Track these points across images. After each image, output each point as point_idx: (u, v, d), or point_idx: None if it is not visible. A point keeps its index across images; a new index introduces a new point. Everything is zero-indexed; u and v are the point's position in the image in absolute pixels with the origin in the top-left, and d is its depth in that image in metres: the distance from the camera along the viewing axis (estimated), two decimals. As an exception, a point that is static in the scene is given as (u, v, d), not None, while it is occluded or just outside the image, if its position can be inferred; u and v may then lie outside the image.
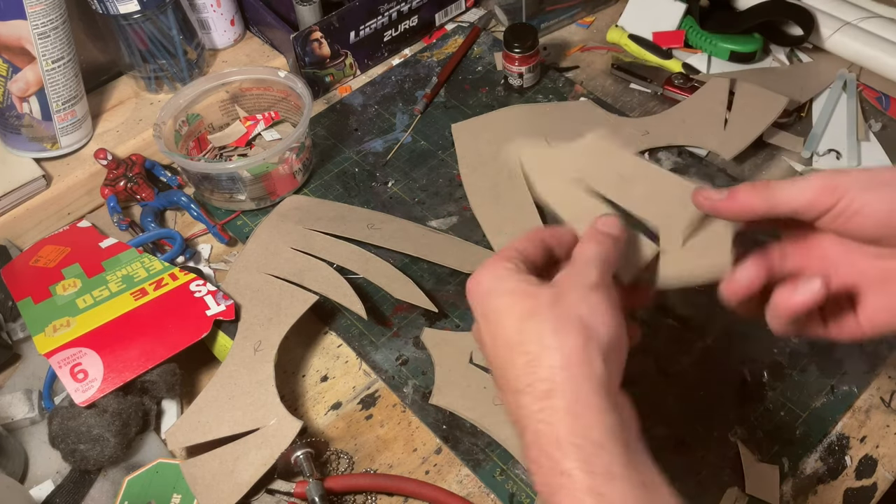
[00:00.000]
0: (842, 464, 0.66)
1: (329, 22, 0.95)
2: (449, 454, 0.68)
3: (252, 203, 0.87)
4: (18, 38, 0.79)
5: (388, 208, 0.87)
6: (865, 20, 0.97)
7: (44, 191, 0.86)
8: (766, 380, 0.70)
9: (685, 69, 0.97)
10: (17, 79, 0.82)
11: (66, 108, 0.86)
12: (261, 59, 1.00)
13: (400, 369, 0.74)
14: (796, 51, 1.00)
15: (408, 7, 1.02)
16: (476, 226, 0.84)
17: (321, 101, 1.01)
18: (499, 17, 1.08)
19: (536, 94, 0.98)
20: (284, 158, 0.85)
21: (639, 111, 0.95)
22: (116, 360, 0.68)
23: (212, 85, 0.90)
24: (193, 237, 0.86)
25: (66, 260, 0.79)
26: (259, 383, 0.69)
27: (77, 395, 0.66)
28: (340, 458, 0.68)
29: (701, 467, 0.65)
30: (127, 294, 0.74)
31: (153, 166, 0.90)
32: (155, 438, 0.69)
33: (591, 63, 1.02)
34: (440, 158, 0.92)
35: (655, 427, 0.67)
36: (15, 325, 0.77)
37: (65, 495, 0.66)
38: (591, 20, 1.08)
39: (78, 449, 0.65)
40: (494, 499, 0.65)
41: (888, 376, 0.70)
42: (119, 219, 0.85)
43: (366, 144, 0.94)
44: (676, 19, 1.01)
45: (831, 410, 0.68)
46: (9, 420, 0.70)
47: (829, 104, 0.92)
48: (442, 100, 0.98)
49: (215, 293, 0.73)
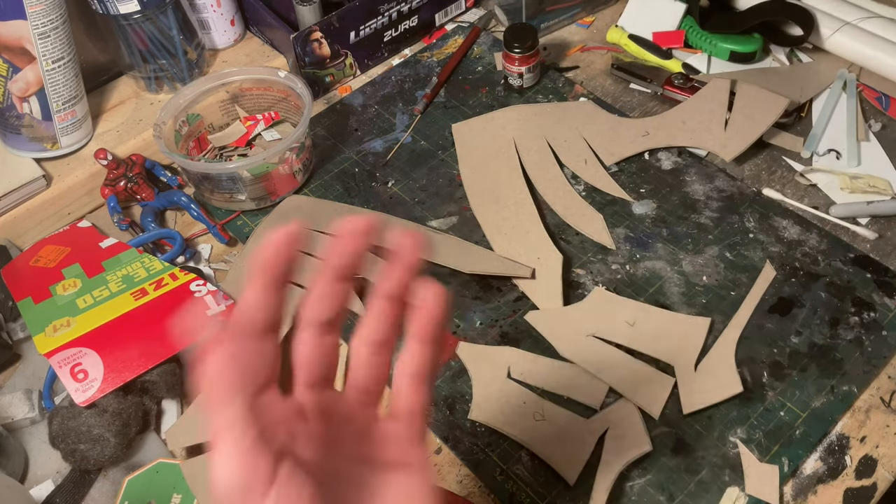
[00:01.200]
0: (842, 464, 0.66)
1: (329, 22, 0.95)
2: (449, 454, 0.68)
3: (252, 203, 0.87)
4: (18, 38, 0.79)
5: (388, 208, 0.87)
6: (865, 20, 0.97)
7: (44, 191, 0.86)
8: (766, 380, 0.70)
9: (685, 69, 0.97)
10: (18, 79, 0.82)
11: (67, 108, 0.86)
12: (261, 59, 1.00)
13: (400, 369, 0.73)
14: (796, 51, 1.00)
15: (408, 7, 1.02)
16: (476, 226, 0.84)
17: (321, 101, 1.01)
18: (499, 17, 1.08)
19: (536, 94, 0.98)
20: (284, 158, 0.85)
21: (639, 111, 0.95)
22: (116, 360, 0.68)
23: (212, 85, 0.90)
24: (193, 237, 0.86)
25: (66, 260, 0.79)
26: (259, 383, 0.68)
27: (77, 395, 0.66)
28: (340, 458, 0.68)
29: (701, 467, 0.65)
30: (127, 294, 0.74)
31: (153, 166, 0.90)
32: (155, 438, 0.69)
33: (591, 63, 1.02)
34: (440, 158, 0.92)
35: (655, 427, 0.68)
36: (15, 325, 0.77)
37: (65, 495, 0.66)
38: (591, 20, 1.08)
39: (78, 449, 0.65)
40: (494, 499, 0.65)
41: (888, 376, 0.70)
42: (119, 219, 0.85)
43: (366, 144, 0.94)
44: (676, 19, 1.01)
45: (831, 410, 0.68)
46: (9, 420, 0.70)
47: (829, 104, 0.92)
48: (442, 100, 0.98)
49: (215, 293, 0.73)
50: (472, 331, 0.76)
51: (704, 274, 0.78)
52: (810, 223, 0.81)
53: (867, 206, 0.80)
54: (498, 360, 0.72)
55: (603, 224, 0.82)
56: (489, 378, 0.71)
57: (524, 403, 0.69)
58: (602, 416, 0.67)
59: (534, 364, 0.72)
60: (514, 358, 0.72)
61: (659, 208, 0.84)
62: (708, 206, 0.84)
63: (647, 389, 0.69)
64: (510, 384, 0.70)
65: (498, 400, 0.69)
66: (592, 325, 0.73)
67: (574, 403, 0.69)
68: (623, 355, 0.71)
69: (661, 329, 0.73)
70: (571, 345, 0.72)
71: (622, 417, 0.67)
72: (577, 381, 0.70)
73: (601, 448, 0.66)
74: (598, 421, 0.67)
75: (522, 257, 0.79)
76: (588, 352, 0.71)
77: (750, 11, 0.98)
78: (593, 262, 0.80)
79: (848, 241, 0.80)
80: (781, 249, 0.79)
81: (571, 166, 0.88)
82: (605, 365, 0.70)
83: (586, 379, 0.70)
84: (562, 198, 0.85)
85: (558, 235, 0.83)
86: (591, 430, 0.66)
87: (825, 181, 0.85)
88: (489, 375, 0.71)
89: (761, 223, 0.82)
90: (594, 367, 0.70)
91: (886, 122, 0.91)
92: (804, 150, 0.88)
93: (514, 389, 0.70)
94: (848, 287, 0.76)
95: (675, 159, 0.89)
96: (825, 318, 0.74)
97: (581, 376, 0.70)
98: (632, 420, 0.67)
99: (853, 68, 0.97)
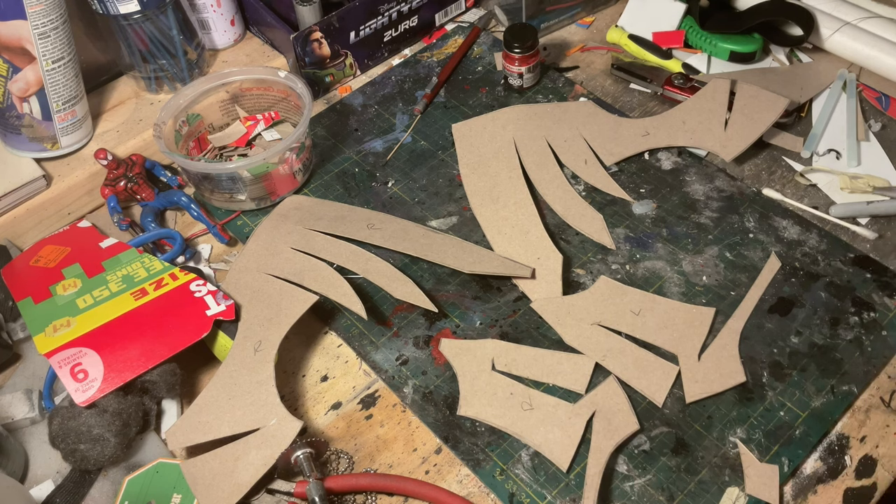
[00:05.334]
0: (842, 464, 0.66)
1: (329, 22, 0.95)
2: (449, 454, 0.68)
3: (252, 203, 0.87)
4: (18, 38, 0.79)
5: (388, 208, 0.87)
6: (865, 20, 0.97)
7: (44, 191, 0.86)
8: (766, 380, 0.70)
9: (685, 69, 0.97)
10: (18, 79, 0.82)
11: (67, 108, 0.86)
12: (261, 59, 1.00)
13: (400, 369, 0.74)
14: (796, 51, 1.00)
15: (408, 7, 1.02)
16: (476, 226, 0.84)
17: (321, 101, 1.01)
18: (499, 17, 1.08)
19: (536, 94, 0.98)
20: (284, 158, 0.85)
21: (639, 111, 0.95)
22: (116, 360, 0.68)
23: (212, 85, 0.90)
24: (193, 237, 0.86)
25: (66, 260, 0.79)
26: (259, 383, 0.69)
27: (77, 395, 0.66)
28: (340, 458, 0.68)
29: (701, 467, 0.65)
30: (127, 294, 0.74)
31: (153, 166, 0.90)
32: (155, 438, 0.69)
33: (591, 63, 1.02)
34: (440, 158, 0.92)
35: (655, 427, 0.68)
36: (15, 325, 0.77)
37: (65, 495, 0.66)
38: (591, 20, 1.08)
39: (78, 449, 0.65)
40: (494, 499, 0.65)
41: (888, 376, 0.70)
42: (119, 219, 0.85)
43: (366, 144, 0.94)
44: (676, 19, 1.01)
45: (831, 410, 0.68)
46: (9, 420, 0.70)
47: (829, 104, 0.92)
48: (442, 100, 0.98)
49: (215, 293, 0.73)
50: (472, 331, 0.76)
51: (704, 274, 0.78)
52: (810, 223, 0.81)
53: (867, 206, 0.80)
54: (481, 353, 0.73)
55: (603, 224, 0.82)
56: (475, 372, 0.71)
57: (511, 394, 0.69)
58: (588, 400, 0.68)
59: (517, 354, 0.72)
60: (497, 350, 0.73)
61: (659, 208, 0.84)
62: (708, 206, 0.84)
63: (650, 377, 0.70)
64: (496, 376, 0.71)
65: (486, 393, 0.70)
66: (598, 313, 0.74)
67: (560, 389, 0.70)
68: (628, 344, 0.72)
69: (665, 318, 0.74)
70: (577, 333, 0.73)
71: (608, 399, 0.68)
72: (560, 367, 0.71)
73: (590, 432, 0.67)
74: (585, 405, 0.68)
75: (522, 257, 0.79)
76: (593, 340, 0.73)
77: (750, 11, 0.98)
78: (593, 262, 0.80)
79: (848, 241, 0.80)
80: (781, 249, 0.79)
81: (571, 166, 0.88)
82: (610, 353, 0.71)
83: (570, 365, 0.71)
84: (562, 198, 0.85)
85: (558, 235, 0.83)
86: (578, 413, 0.67)
87: (825, 181, 0.85)
88: (474, 370, 0.72)
89: (761, 223, 0.82)
90: (599, 355, 0.71)
91: (886, 122, 0.91)
92: (804, 150, 0.88)
93: (500, 381, 0.71)
94: (848, 287, 0.76)
95: (675, 159, 0.89)
96: (825, 318, 0.74)
97: (564, 362, 0.71)
98: (618, 401, 0.68)
99: (853, 68, 0.97)
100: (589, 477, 0.64)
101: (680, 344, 0.72)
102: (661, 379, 0.70)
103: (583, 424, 0.67)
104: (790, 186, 0.85)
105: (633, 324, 0.73)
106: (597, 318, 0.74)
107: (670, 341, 0.72)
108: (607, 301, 0.75)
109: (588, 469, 0.64)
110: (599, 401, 0.68)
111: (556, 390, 0.70)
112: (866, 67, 0.96)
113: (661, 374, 0.70)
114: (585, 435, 0.67)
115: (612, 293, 0.76)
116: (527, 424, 0.68)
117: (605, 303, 0.75)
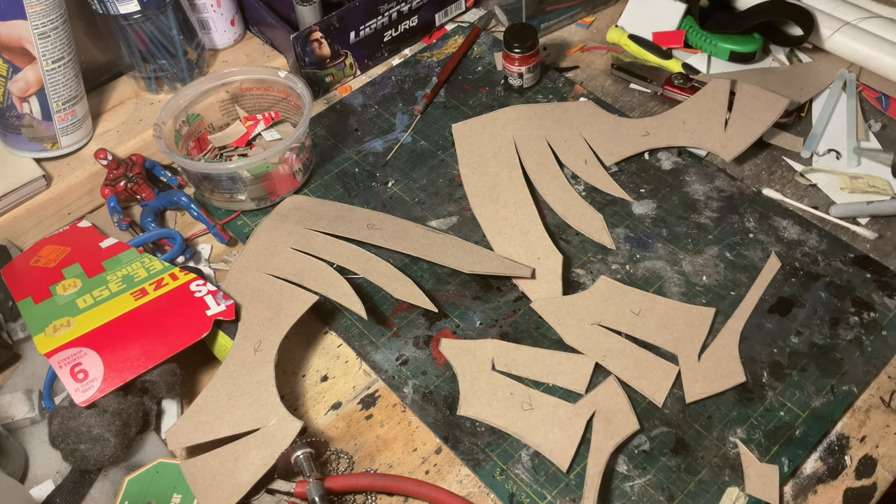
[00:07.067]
0: (842, 464, 0.66)
1: (329, 22, 0.95)
2: (449, 454, 0.68)
3: (252, 203, 0.87)
4: (18, 38, 0.79)
5: (388, 208, 0.87)
6: (865, 20, 0.97)
7: (44, 191, 0.86)
8: (766, 380, 0.70)
9: (685, 69, 0.97)
10: (18, 79, 0.82)
11: (67, 108, 0.86)
12: (261, 59, 1.00)
13: (400, 369, 0.74)
14: (796, 51, 1.00)
15: (408, 7, 1.02)
16: (476, 226, 0.84)
17: (321, 101, 1.01)
18: (499, 17, 1.08)
19: (536, 94, 0.98)
20: (284, 158, 0.85)
21: (639, 111, 0.95)
22: (116, 360, 0.68)
23: (212, 85, 0.90)
24: (193, 237, 0.86)
25: (66, 260, 0.79)
26: (259, 383, 0.69)
27: (77, 395, 0.66)
28: (340, 458, 0.68)
29: (701, 467, 0.65)
30: (127, 294, 0.74)
31: (153, 166, 0.90)
32: (155, 438, 0.69)
33: (591, 63, 1.02)
34: (440, 158, 0.92)
35: (655, 427, 0.68)
36: (15, 325, 0.77)
37: (65, 495, 0.66)
38: (591, 20, 1.08)
39: (78, 449, 0.65)
40: (494, 499, 0.65)
41: (888, 376, 0.70)
42: (119, 219, 0.85)
43: (366, 144, 0.94)
44: (676, 19, 1.01)
45: (831, 410, 0.68)
46: (9, 420, 0.70)
47: (829, 104, 0.92)
48: (442, 100, 0.98)
49: (215, 293, 0.73)
50: (472, 331, 0.76)
51: (704, 274, 0.78)
52: (810, 223, 0.81)
53: (867, 206, 0.80)
54: (481, 353, 0.73)
55: (603, 224, 0.82)
56: (475, 372, 0.71)
57: (511, 394, 0.69)
58: (588, 400, 0.68)
59: (517, 354, 0.72)
60: (497, 350, 0.73)
61: (659, 208, 0.84)
62: (708, 206, 0.84)
63: (650, 377, 0.70)
64: (496, 376, 0.71)
65: (486, 393, 0.70)
66: (598, 313, 0.74)
67: (560, 389, 0.70)
68: (628, 343, 0.72)
69: (665, 318, 0.74)
70: (577, 333, 0.73)
71: (608, 399, 0.68)
72: (560, 367, 0.71)
73: (590, 432, 0.67)
74: (585, 405, 0.68)
75: (522, 257, 0.79)
76: (593, 340, 0.73)
77: (750, 11, 0.98)
78: (593, 262, 0.80)
79: (848, 241, 0.80)
80: (781, 249, 0.79)
81: (571, 166, 0.88)
82: (610, 353, 0.71)
83: (570, 365, 0.71)
84: (562, 198, 0.85)
85: (558, 235, 0.83)
86: (578, 414, 0.67)
87: (825, 181, 0.85)
88: (474, 370, 0.72)
89: (761, 223, 0.82)
90: (599, 355, 0.71)
91: (886, 122, 0.91)
92: (804, 150, 0.88)
93: (500, 381, 0.71)
94: (848, 287, 0.76)
95: (675, 159, 0.89)
96: (825, 318, 0.74)
97: (564, 362, 0.71)
98: (618, 401, 0.68)
99: (853, 68, 0.97)
100: (589, 477, 0.64)
101: (680, 344, 0.72)
102: (661, 379, 0.70)
103: (583, 424, 0.67)
104: (790, 186, 0.85)
105: (633, 324, 0.73)
106: (597, 318, 0.74)
107: (670, 341, 0.72)
108: (607, 301, 0.75)
109: (588, 469, 0.64)
110: (599, 401, 0.68)
111: (556, 390, 0.70)
112: (866, 67, 0.96)
113: (661, 374, 0.70)
114: (585, 435, 0.67)
115: (612, 293, 0.76)
116: (527, 424, 0.68)
117: (605, 303, 0.75)
